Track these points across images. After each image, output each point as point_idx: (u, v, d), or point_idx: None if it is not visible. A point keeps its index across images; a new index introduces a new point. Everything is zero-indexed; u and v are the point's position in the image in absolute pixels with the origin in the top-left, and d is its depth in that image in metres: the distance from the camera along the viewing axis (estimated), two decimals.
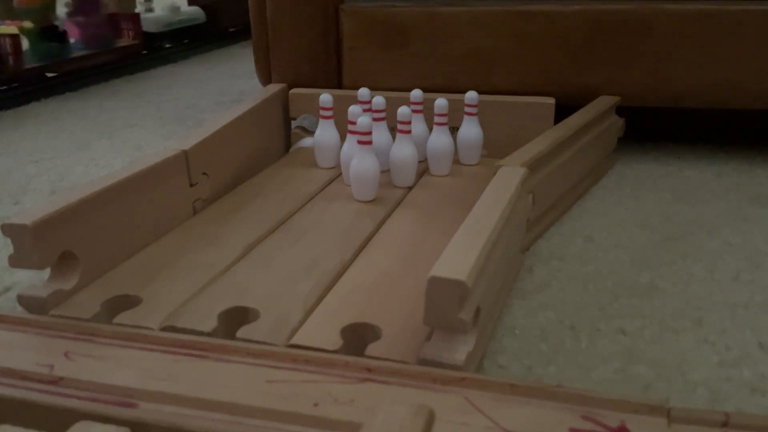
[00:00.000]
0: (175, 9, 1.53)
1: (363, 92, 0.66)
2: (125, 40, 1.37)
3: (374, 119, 0.62)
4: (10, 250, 0.41)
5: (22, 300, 0.41)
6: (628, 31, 0.71)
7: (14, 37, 1.09)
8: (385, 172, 0.62)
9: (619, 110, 0.74)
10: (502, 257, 0.42)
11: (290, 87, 0.76)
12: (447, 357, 0.34)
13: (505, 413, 0.30)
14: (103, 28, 1.31)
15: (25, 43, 1.16)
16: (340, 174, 0.63)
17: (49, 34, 1.20)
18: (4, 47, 1.08)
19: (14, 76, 1.11)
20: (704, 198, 0.66)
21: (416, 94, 0.65)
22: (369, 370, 0.34)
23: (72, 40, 1.26)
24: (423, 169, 0.65)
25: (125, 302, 0.42)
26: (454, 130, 0.66)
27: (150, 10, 1.51)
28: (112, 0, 1.44)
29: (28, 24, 1.17)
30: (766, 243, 0.56)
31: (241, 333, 0.38)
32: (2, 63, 1.08)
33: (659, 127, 0.90)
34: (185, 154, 0.54)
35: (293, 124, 0.77)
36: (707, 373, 0.39)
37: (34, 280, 0.51)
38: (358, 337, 0.38)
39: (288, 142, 0.76)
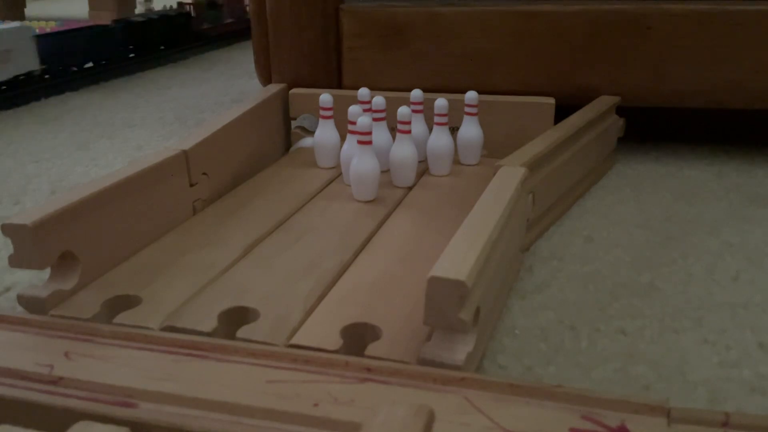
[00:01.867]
0: None
1: (363, 92, 0.66)
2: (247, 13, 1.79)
3: (374, 119, 0.62)
4: (10, 250, 0.41)
5: (22, 300, 0.41)
6: (628, 31, 0.71)
7: (196, 6, 1.59)
8: (385, 172, 0.62)
9: (619, 110, 0.74)
10: (502, 257, 0.42)
11: (290, 87, 0.76)
12: (447, 357, 0.34)
13: (505, 413, 0.30)
14: (238, 2, 1.75)
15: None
16: (340, 174, 0.63)
17: (211, 4, 1.66)
18: (190, 12, 1.58)
19: (194, 33, 1.58)
20: (704, 198, 0.66)
21: (416, 94, 0.65)
22: (369, 370, 0.34)
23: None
24: (423, 169, 0.65)
25: (125, 302, 0.42)
26: (454, 130, 0.66)
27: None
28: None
29: None
30: (766, 243, 0.56)
31: (241, 333, 0.38)
32: (189, 24, 1.55)
33: (659, 127, 0.90)
34: (185, 154, 0.54)
35: (293, 124, 0.77)
36: (707, 373, 0.39)
37: (34, 280, 0.51)
38: (358, 337, 0.38)
39: (288, 142, 0.76)
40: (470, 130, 0.65)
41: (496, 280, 0.41)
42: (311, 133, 0.74)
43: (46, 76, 1.18)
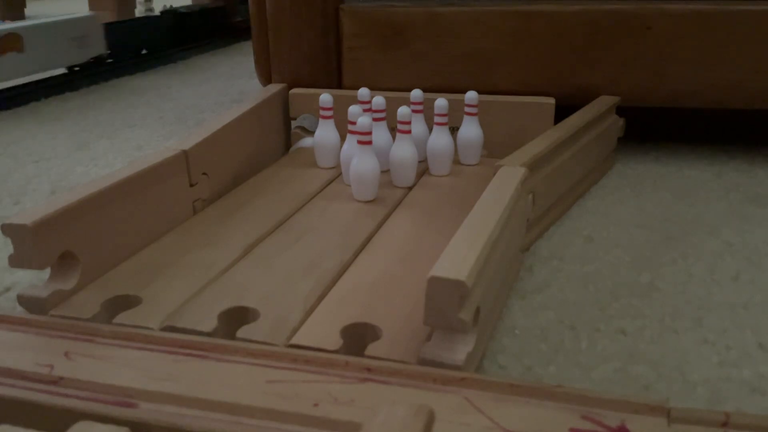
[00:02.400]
0: None
1: (363, 92, 0.66)
2: None
3: (374, 119, 0.62)
4: (10, 250, 0.41)
5: (22, 300, 0.41)
6: (628, 31, 0.71)
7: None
8: (385, 172, 0.62)
9: (619, 110, 0.74)
10: (502, 257, 0.42)
11: (290, 87, 0.76)
12: (447, 357, 0.34)
13: (505, 413, 0.30)
14: None
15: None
16: (340, 174, 0.63)
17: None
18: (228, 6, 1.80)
19: (228, 26, 1.78)
20: (704, 198, 0.66)
21: (416, 94, 0.65)
22: (369, 370, 0.34)
23: None
24: (423, 169, 0.65)
25: (125, 302, 0.42)
26: (454, 130, 0.66)
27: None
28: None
29: None
30: (766, 243, 0.56)
31: (241, 333, 0.38)
32: (225, 17, 1.77)
33: (659, 127, 0.90)
34: (185, 154, 0.54)
35: (293, 124, 0.77)
36: (707, 373, 0.39)
37: (34, 280, 0.51)
38: (358, 337, 0.38)
39: (288, 142, 0.76)
40: (470, 130, 0.65)
41: (496, 280, 0.41)
42: (311, 133, 0.74)
43: (109, 61, 1.34)
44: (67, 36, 1.20)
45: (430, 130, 0.64)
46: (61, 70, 1.23)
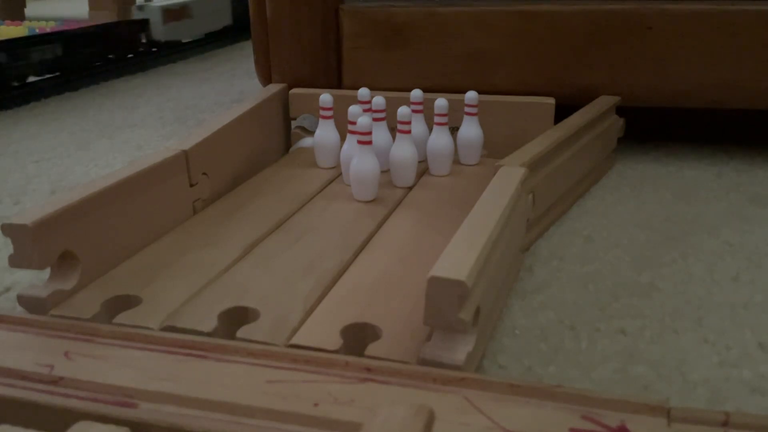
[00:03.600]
0: None
1: (363, 92, 0.66)
2: None
3: (374, 119, 0.62)
4: (10, 250, 0.41)
5: (22, 300, 0.41)
6: (628, 31, 0.71)
7: None
8: (385, 172, 0.62)
9: (619, 110, 0.74)
10: (502, 257, 0.42)
11: (290, 87, 0.76)
12: (447, 357, 0.34)
13: (505, 413, 0.30)
14: None
15: None
16: (340, 174, 0.63)
17: None
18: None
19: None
20: (704, 198, 0.66)
21: (416, 94, 0.65)
22: (369, 370, 0.34)
23: None
24: (423, 169, 0.65)
25: (125, 302, 0.42)
26: (454, 130, 0.66)
27: None
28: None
29: None
30: (766, 243, 0.56)
31: (241, 333, 0.38)
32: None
33: (659, 127, 0.90)
34: (185, 154, 0.54)
35: (293, 124, 0.77)
36: (707, 373, 0.39)
37: (34, 280, 0.51)
38: (358, 337, 0.38)
39: (288, 142, 0.76)
40: (470, 130, 0.65)
41: (496, 280, 0.41)
42: (311, 133, 0.74)
43: (229, 32, 1.66)
44: (211, 8, 1.59)
45: (430, 130, 0.64)
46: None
